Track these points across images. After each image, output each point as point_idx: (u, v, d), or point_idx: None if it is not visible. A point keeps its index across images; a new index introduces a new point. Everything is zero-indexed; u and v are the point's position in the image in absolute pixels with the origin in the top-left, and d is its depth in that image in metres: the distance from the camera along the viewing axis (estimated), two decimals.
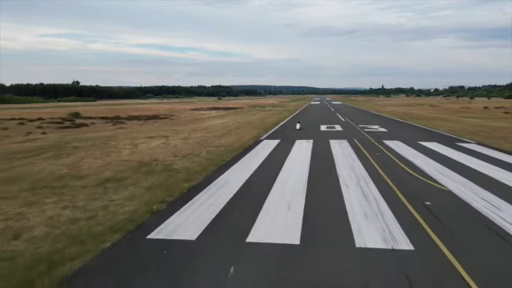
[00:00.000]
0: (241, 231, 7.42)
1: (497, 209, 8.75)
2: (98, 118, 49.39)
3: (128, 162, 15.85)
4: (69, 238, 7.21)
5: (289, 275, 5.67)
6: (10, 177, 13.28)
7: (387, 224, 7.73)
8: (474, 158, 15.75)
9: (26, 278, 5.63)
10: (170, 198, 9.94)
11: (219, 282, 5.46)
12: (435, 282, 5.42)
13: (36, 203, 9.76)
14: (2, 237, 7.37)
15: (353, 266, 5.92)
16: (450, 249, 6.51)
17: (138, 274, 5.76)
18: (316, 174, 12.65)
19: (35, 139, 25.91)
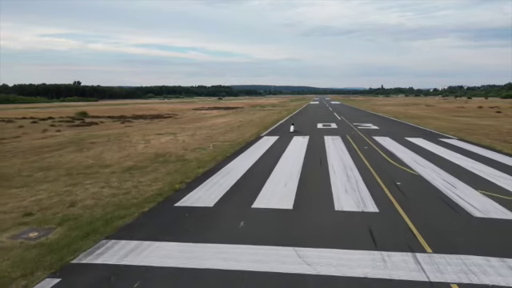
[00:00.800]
0: (247, 201, 9.54)
1: (452, 187, 10.87)
2: (105, 117, 51.45)
3: (144, 154, 17.94)
4: (114, 206, 9.31)
5: (284, 227, 7.78)
6: (45, 166, 15.39)
7: (362, 196, 9.85)
8: (450, 151, 17.84)
9: (91, 229, 7.71)
10: (188, 179, 12.04)
11: (233, 231, 7.56)
12: (388, 231, 7.51)
13: (78, 184, 11.86)
14: (61, 206, 9.47)
15: (330, 221, 8.02)
16: (406, 211, 8.62)
17: (171, 228, 7.84)
18: (309, 163, 14.76)
19: (53, 136, 28.01)
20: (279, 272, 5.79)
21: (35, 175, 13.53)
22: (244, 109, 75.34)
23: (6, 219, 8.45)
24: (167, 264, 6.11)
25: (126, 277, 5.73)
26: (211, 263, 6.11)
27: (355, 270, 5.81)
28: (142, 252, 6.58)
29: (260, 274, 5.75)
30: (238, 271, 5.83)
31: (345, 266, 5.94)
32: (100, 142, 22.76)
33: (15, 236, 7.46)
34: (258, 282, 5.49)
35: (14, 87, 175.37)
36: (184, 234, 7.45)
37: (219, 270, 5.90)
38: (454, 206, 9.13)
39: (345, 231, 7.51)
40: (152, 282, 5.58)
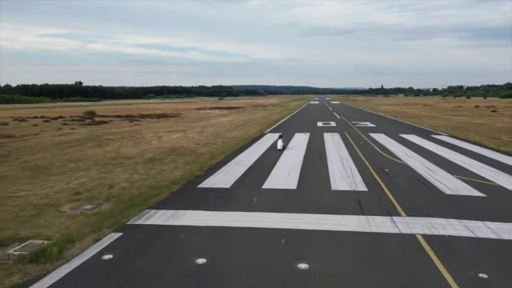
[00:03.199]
0: (258, 183, 11.36)
1: (433, 173, 12.68)
2: (113, 116, 53.22)
3: (160, 148, 19.75)
4: (147, 187, 11.11)
5: (289, 201, 9.58)
6: (73, 158, 17.19)
7: (354, 180, 11.67)
8: (439, 145, 19.64)
9: (133, 203, 9.50)
10: (204, 168, 13.85)
11: (249, 204, 9.35)
12: (373, 203, 9.31)
13: (109, 172, 13.67)
14: (102, 188, 11.27)
15: (328, 197, 9.83)
16: (390, 190, 10.44)
17: (198, 202, 9.64)
18: (309, 156, 16.55)
19: (69, 133, 29.82)
20: (286, 228, 7.59)
21: (68, 165, 15.34)
22: (246, 108, 77.10)
23: (60, 197, 10.26)
24: (201, 224, 7.92)
25: (171, 231, 7.54)
26: (234, 224, 7.91)
27: (346, 227, 7.62)
28: (179, 217, 8.39)
29: (271, 229, 7.55)
30: (255, 228, 7.64)
31: (337, 225, 7.75)
32: (115, 139, 24.57)
33: (74, 208, 9.27)
34: (270, 236, 7.29)
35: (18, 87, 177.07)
36: (209, 206, 9.25)
37: (241, 227, 7.71)
38: (430, 186, 10.94)
39: (339, 203, 9.31)
40: (192, 234, 7.38)
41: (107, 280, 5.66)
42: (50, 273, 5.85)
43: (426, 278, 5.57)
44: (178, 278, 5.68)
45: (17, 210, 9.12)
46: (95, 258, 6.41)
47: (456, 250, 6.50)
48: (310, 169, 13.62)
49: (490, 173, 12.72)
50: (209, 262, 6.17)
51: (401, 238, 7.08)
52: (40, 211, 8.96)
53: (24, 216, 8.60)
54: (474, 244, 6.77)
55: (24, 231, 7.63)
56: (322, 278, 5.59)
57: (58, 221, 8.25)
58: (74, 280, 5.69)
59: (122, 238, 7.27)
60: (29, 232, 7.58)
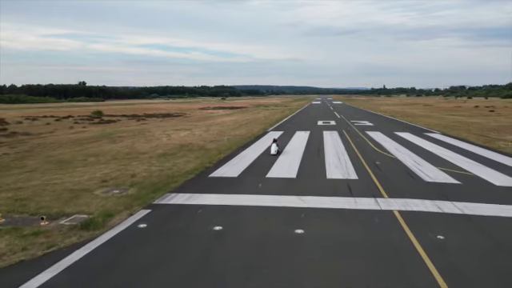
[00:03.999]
0: (262, 173, 12.89)
1: (418, 165, 14.18)
2: (119, 115, 54.88)
3: (170, 144, 21.30)
4: (164, 177, 12.65)
5: (289, 187, 11.10)
6: (92, 153, 18.77)
7: (347, 170, 13.18)
8: (429, 142, 21.11)
9: (155, 188, 11.04)
10: (213, 161, 15.39)
11: (255, 189, 10.87)
12: (362, 188, 10.81)
13: (127, 164, 15.22)
14: (125, 176, 12.82)
15: (323, 184, 11.35)
16: (378, 178, 11.94)
17: (210, 187, 11.16)
18: (309, 150, 18.07)
19: (82, 131, 31.45)
20: (287, 206, 9.11)
21: (89, 159, 16.90)
22: (248, 108, 78.57)
23: (90, 184, 11.81)
24: (215, 203, 9.46)
25: (191, 209, 9.08)
26: (243, 203, 9.44)
27: (336, 206, 9.14)
28: (196, 198, 9.93)
29: (274, 207, 9.07)
30: (261, 206, 9.17)
31: (329, 204, 9.27)
32: (127, 136, 26.15)
33: (105, 192, 10.82)
34: (273, 211, 8.80)
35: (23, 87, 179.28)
36: (221, 190, 10.78)
37: (249, 205, 9.24)
38: (413, 175, 12.45)
39: (332, 188, 10.83)
40: (208, 210, 8.91)
41: (146, 240, 7.21)
42: (98, 236, 7.39)
43: (395, 239, 7.08)
44: (201, 239, 7.22)
45: (56, 193, 10.67)
46: (132, 226, 7.95)
47: (424, 221, 8.01)
48: (309, 162, 15.13)
49: (470, 165, 14.20)
50: (224, 229, 7.70)
51: (381, 213, 8.60)
52: (77, 194, 10.51)
53: (64, 198, 10.16)
54: (440, 217, 8.28)
55: (68, 209, 9.18)
56: (313, 241, 7.10)
57: (94, 201, 9.81)
58: (119, 240, 7.24)
59: (150, 213, 8.82)
60: (72, 209, 9.14)
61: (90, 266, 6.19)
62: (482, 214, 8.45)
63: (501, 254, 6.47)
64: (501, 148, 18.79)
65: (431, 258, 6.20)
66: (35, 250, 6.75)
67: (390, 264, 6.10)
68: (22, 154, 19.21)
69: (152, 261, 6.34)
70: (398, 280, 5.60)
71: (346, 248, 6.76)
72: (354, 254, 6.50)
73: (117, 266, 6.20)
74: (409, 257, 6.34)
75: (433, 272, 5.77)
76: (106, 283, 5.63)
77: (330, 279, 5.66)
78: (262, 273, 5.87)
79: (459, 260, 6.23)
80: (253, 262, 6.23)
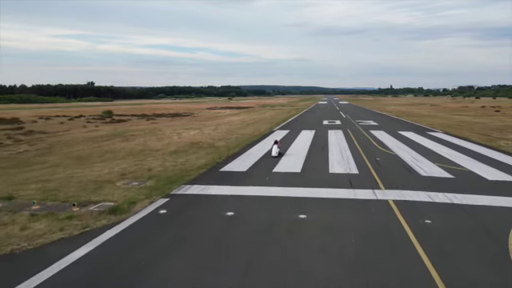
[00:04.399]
0: (269, 168, 13.81)
1: (417, 161, 14.98)
2: (129, 115, 56.19)
3: (181, 142, 22.31)
4: (178, 171, 13.63)
5: (294, 180, 12.00)
6: (107, 150, 19.84)
7: (349, 166, 14.04)
8: (430, 140, 21.83)
9: (171, 181, 12.01)
10: (223, 157, 16.34)
11: (262, 181, 11.79)
12: (361, 181, 11.67)
13: (143, 160, 16.23)
14: (142, 170, 13.82)
15: (325, 178, 12.23)
16: (377, 173, 12.79)
17: (222, 180, 12.10)
18: (313, 148, 18.95)
19: (95, 130, 32.66)
20: (291, 196, 10.02)
21: (105, 156, 17.97)
22: (255, 108, 79.48)
23: (111, 177, 12.83)
24: (226, 193, 10.40)
25: (205, 198, 10.03)
26: (252, 193, 10.37)
27: (336, 196, 10.02)
28: (209, 189, 10.89)
29: (280, 197, 9.98)
30: (268, 196, 10.08)
31: (330, 195, 10.16)
32: (139, 135, 27.25)
33: (125, 183, 11.83)
34: (279, 201, 9.71)
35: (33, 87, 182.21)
36: (231, 182, 11.72)
37: (257, 195, 10.16)
38: (411, 170, 13.28)
39: (334, 181, 11.71)
40: (220, 199, 9.86)
41: (167, 223, 8.17)
42: (125, 220, 8.37)
43: (389, 223, 7.95)
44: (215, 222, 8.16)
45: (81, 185, 11.70)
46: (154, 212, 8.93)
47: (415, 209, 8.86)
48: (313, 158, 16.01)
49: (466, 161, 14.97)
50: (235, 214, 8.63)
51: (377, 202, 9.46)
52: (100, 186, 11.53)
53: (90, 189, 11.18)
54: (430, 205, 9.13)
55: (94, 197, 10.19)
56: (314, 225, 8.00)
57: (117, 191, 10.81)
58: (143, 223, 8.21)
59: (169, 201, 9.79)
60: (98, 198, 10.15)
61: (121, 243, 7.17)
62: (469, 204, 9.28)
63: (479, 235, 7.31)
64: (501, 146, 19.46)
65: (417, 238, 7.07)
66: (71, 230, 7.75)
67: (380, 241, 6.99)
68: (42, 151, 20.36)
69: (173, 239, 7.30)
70: (385, 253, 6.48)
71: (342, 229, 7.65)
72: (349, 233, 7.39)
73: (143, 243, 7.16)
74: (398, 236, 7.22)
75: (416, 247, 6.65)
76: (135, 256, 6.59)
77: (326, 252, 6.56)
78: (268, 248, 6.79)
79: (441, 239, 7.08)
80: (261, 240, 7.16)
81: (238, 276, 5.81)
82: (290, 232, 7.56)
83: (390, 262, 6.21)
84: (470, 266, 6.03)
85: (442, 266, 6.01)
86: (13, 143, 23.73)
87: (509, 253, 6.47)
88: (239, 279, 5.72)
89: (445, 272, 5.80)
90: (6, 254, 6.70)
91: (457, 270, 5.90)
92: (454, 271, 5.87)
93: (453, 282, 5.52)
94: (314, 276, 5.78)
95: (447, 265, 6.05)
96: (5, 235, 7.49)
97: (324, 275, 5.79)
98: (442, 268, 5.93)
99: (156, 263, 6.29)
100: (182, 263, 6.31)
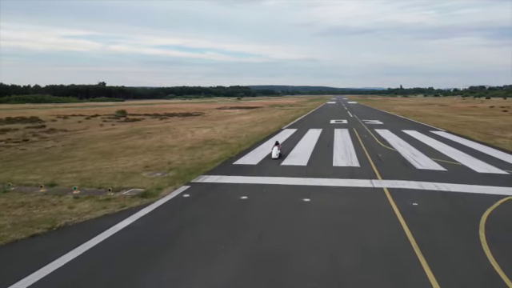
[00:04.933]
0: (278, 162, 15.17)
1: (415, 156, 16.18)
2: (142, 114, 58.02)
3: (195, 140, 23.79)
4: (195, 164, 15.06)
5: (301, 171, 13.33)
6: (128, 146, 21.40)
7: (351, 160, 15.33)
8: (432, 138, 22.93)
9: (190, 172, 13.44)
10: (235, 152, 17.75)
11: (272, 172, 13.15)
12: (362, 173, 12.94)
13: (161, 155, 17.72)
14: (162, 164, 15.29)
15: (331, 171, 13.54)
16: (377, 166, 14.06)
17: (235, 172, 13.49)
18: (319, 145, 20.24)
19: (112, 128, 34.37)
20: (298, 185, 11.36)
21: (127, 151, 19.51)
22: (264, 108, 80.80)
23: (136, 169, 14.32)
24: (240, 182, 11.79)
25: (221, 185, 11.44)
26: (263, 182, 11.74)
27: (337, 184, 11.33)
28: (225, 178, 12.30)
29: (288, 185, 11.33)
30: (277, 184, 11.45)
31: (332, 183, 11.47)
32: (155, 133, 28.83)
33: (149, 174, 13.30)
34: (287, 188, 11.06)
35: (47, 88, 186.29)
36: (244, 173, 13.11)
37: (268, 184, 11.53)
38: (408, 164, 14.51)
39: (336, 173, 13.01)
40: (235, 186, 11.26)
41: (191, 204, 9.59)
42: (155, 201, 9.82)
43: (381, 205, 9.25)
44: (232, 203, 9.57)
45: (111, 175, 13.21)
46: (178, 196, 10.36)
47: (405, 195, 10.14)
48: (319, 153, 17.33)
49: (461, 157, 16.11)
50: (248, 198, 10.02)
51: (372, 189, 10.76)
52: (128, 175, 13.02)
53: (119, 178, 12.68)
54: (419, 192, 10.39)
55: (125, 185, 11.67)
56: (317, 206, 9.33)
57: (144, 180, 12.28)
58: (171, 204, 9.65)
59: (190, 188, 11.22)
60: (129, 185, 11.62)
61: (155, 217, 8.61)
62: (453, 191, 10.51)
63: (456, 214, 8.56)
64: (497, 144, 20.48)
65: (403, 215, 8.38)
66: (112, 208, 9.22)
67: (372, 218, 8.30)
68: (68, 147, 22.03)
69: (197, 215, 8.72)
70: (374, 225, 7.78)
71: (340, 209, 8.99)
72: (346, 212, 8.72)
73: (172, 218, 8.59)
74: (386, 214, 8.53)
75: (401, 221, 7.96)
76: (170, 226, 8.02)
77: (325, 226, 7.89)
78: (277, 223, 8.15)
79: (423, 217, 8.37)
80: (270, 217, 8.52)
81: (252, 241, 7.19)
82: (296, 210, 8.92)
83: (376, 231, 7.53)
84: (442, 235, 7.33)
85: (419, 233, 7.32)
86: (39, 140, 25.50)
87: (479, 229, 7.72)
88: (254, 243, 7.10)
89: (420, 237, 7.13)
90: (62, 226, 8.18)
91: (429, 236, 7.23)
92: (427, 237, 7.18)
93: (424, 243, 6.84)
94: (313, 240, 7.12)
95: (423, 233, 7.36)
96: (56, 212, 8.99)
97: (322, 240, 7.14)
98: (418, 234, 7.25)
99: (187, 229, 7.75)
100: (207, 230, 7.73)
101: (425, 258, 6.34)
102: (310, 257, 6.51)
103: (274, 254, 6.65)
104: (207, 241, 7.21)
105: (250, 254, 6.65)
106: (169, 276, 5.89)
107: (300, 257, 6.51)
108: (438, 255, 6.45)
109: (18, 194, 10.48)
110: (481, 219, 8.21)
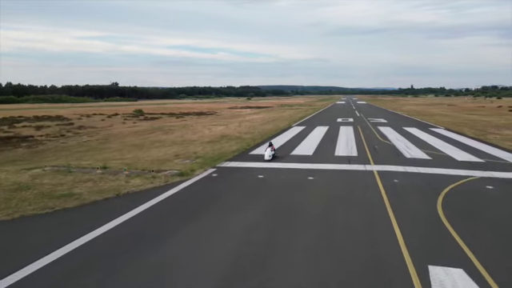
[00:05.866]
0: (288, 152, 17.73)
1: (408, 148, 18.55)
2: (158, 113, 61.07)
3: (213, 135, 26.44)
4: (217, 154, 17.68)
5: (307, 159, 15.84)
6: (154, 140, 24.15)
7: (351, 151, 17.80)
8: (428, 134, 25.16)
9: (214, 159, 16.04)
10: (250, 145, 20.33)
11: (282, 160, 15.68)
12: (358, 160, 15.39)
13: (186, 147, 20.39)
14: (189, 153, 17.94)
15: (330, 158, 16.02)
16: (372, 156, 16.50)
17: (251, 160, 16.04)
18: (325, 139, 22.70)
19: (134, 126, 37.30)
20: (304, 168, 13.88)
21: (155, 144, 22.24)
22: (273, 108, 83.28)
23: (168, 157, 17.00)
24: (256, 166, 14.36)
25: (242, 169, 14.03)
26: (276, 166, 14.28)
27: (337, 168, 13.81)
28: (243, 164, 14.89)
29: (296, 168, 13.85)
30: (287, 168, 13.98)
31: (334, 167, 13.96)
32: (175, 129, 31.60)
33: (180, 161, 15.95)
34: (295, 170, 13.58)
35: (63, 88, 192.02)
36: (259, 161, 15.66)
37: (280, 167, 14.07)
38: (399, 154, 16.90)
39: (337, 160, 15.47)
40: (253, 169, 13.83)
41: (219, 181, 12.20)
42: (191, 178, 12.44)
43: (369, 182, 11.71)
44: (251, 180, 12.15)
45: (149, 161, 15.90)
46: (208, 175, 12.98)
47: (390, 175, 12.58)
48: (324, 146, 19.80)
49: (448, 149, 18.40)
50: (264, 177, 12.58)
51: (364, 171, 13.22)
52: (163, 162, 15.70)
53: (156, 163, 15.35)
54: (402, 173, 12.83)
55: (163, 168, 14.33)
56: (319, 183, 11.83)
57: (177, 165, 14.93)
58: (203, 181, 12.27)
59: (217, 170, 13.84)
60: (166, 168, 14.27)
61: (193, 188, 11.24)
62: (430, 173, 12.91)
63: (425, 188, 10.98)
64: (487, 139, 22.62)
65: (384, 187, 10.86)
66: (158, 183, 11.87)
67: (361, 189, 10.79)
68: (101, 141, 24.91)
69: (226, 187, 11.31)
70: (361, 194, 10.25)
71: (337, 183, 11.50)
72: (342, 186, 11.23)
73: (207, 189, 11.18)
74: (372, 187, 10.99)
75: (381, 192, 10.43)
76: (204, 194, 10.62)
77: (323, 195, 10.40)
78: (286, 193, 10.69)
79: (399, 189, 10.81)
80: (282, 188, 11.06)
81: (268, 201, 9.76)
82: (301, 184, 11.46)
83: (362, 197, 10.03)
84: (409, 199, 9.81)
85: (393, 198, 9.81)
86: (74, 135, 28.50)
87: (439, 195, 10.12)
88: (269, 203, 9.66)
89: (393, 200, 9.64)
90: (124, 193, 10.84)
91: (400, 199, 9.74)
92: (397, 199, 9.67)
93: (394, 203, 9.34)
94: (313, 202, 9.65)
95: (395, 197, 9.86)
96: (117, 185, 11.67)
97: (319, 202, 9.65)
98: (392, 198, 9.73)
99: (219, 195, 10.37)
100: (235, 196, 10.34)
101: (393, 211, 8.81)
102: (310, 210, 9.04)
103: (284, 209, 9.20)
104: (235, 202, 9.81)
105: (268, 209, 9.21)
106: (210, 221, 8.47)
107: (303, 211, 9.05)
108: (402, 210, 8.91)
109: (80, 174, 13.22)
110: (443, 191, 10.62)
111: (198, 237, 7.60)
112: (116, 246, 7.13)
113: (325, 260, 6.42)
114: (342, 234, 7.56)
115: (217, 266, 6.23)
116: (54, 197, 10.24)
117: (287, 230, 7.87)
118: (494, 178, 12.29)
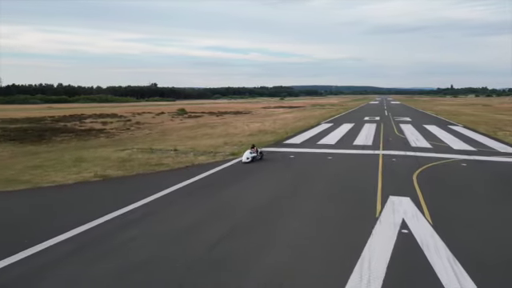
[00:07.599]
0: (315, 142, 21.87)
1: (417, 140, 22.08)
2: (199, 112, 66.71)
3: (251, 130, 30.97)
4: (257, 142, 22.06)
5: (330, 146, 19.92)
6: (203, 134, 29.06)
7: (367, 141, 21.67)
8: (443, 130, 28.25)
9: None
10: (283, 137, 24.63)
11: (311, 148, 19.84)
12: (371, 148, 19.24)
13: (230, 138, 25.00)
14: (233, 142, 22.52)
15: (349, 146, 19.99)
16: (384, 145, 20.29)
17: (285, 146, 20.31)
18: (348, 133, 26.57)
19: (182, 122, 42.67)
20: (326, 152, 18.00)
21: (205, 136, 27.09)
22: (306, 107, 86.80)
23: (219, 144, 21.66)
24: (289, 150, 18.66)
25: (277, 152, 18.38)
26: (304, 151, 18.49)
27: (352, 152, 17.82)
28: (279, 149, 19.23)
29: (320, 152, 18.00)
30: (314, 152, 18.16)
31: (349, 151, 17.97)
32: (218, 125, 36.50)
33: (229, 147, 20.54)
34: (319, 154, 17.71)
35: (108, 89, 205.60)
36: (291, 147, 19.92)
37: (307, 152, 18.28)
38: (407, 144, 20.56)
39: (354, 147, 19.42)
40: (285, 153, 18.13)
41: (260, 160, 16.63)
42: (236, 158, 16.93)
43: (373, 160, 15.65)
44: (284, 159, 16.48)
45: (205, 147, 20.60)
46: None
47: (391, 156, 16.43)
48: (346, 138, 23.72)
49: (452, 141, 21.73)
50: (294, 157, 16.86)
51: (373, 154, 17.13)
52: (216, 147, 20.35)
53: (211, 148, 20.01)
54: (402, 156, 16.62)
55: (217, 151, 18.95)
56: (336, 160, 15.92)
57: (228, 149, 19.50)
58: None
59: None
60: (220, 150, 18.89)
61: (240, 165, 15.70)
62: (423, 156, 16.59)
63: (413, 164, 14.75)
64: (496, 135, 25.44)
65: (383, 164, 14.79)
66: (218, 159, 16.46)
67: (365, 164, 14.79)
68: (160, 134, 30.17)
69: (267, 162, 15.67)
70: (366, 169, 14.23)
71: (348, 162, 15.54)
72: (351, 163, 15.27)
73: (253, 163, 15.60)
74: (374, 162, 14.95)
75: (380, 166, 14.40)
76: (251, 166, 15.03)
77: (338, 167, 14.50)
78: (310, 167, 14.88)
79: (394, 165, 14.68)
80: (306, 164, 15.26)
81: (296, 170, 14.04)
82: (321, 161, 15.64)
83: (366, 171, 14.04)
84: (397, 170, 13.72)
85: (385, 169, 13.75)
86: (136, 129, 34.11)
87: (418, 168, 13.92)
88: (297, 171, 13.93)
89: (385, 170, 13.57)
90: (196, 164, 15.49)
91: (390, 170, 13.69)
92: (388, 170, 13.60)
93: (385, 172, 13.31)
94: (329, 170, 13.80)
95: (387, 169, 13.80)
96: (190, 159, 16.36)
97: (334, 170, 13.78)
98: (384, 170, 13.67)
99: (262, 166, 14.77)
100: (273, 167, 14.72)
101: (382, 175, 12.81)
102: (326, 175, 13.24)
103: (308, 174, 13.45)
104: (274, 170, 14.18)
105: (296, 174, 13.50)
106: (256, 178, 12.87)
107: (321, 175, 13.26)
108: (388, 174, 12.90)
109: (160, 153, 18.13)
110: (425, 166, 14.41)
111: (250, 185, 12.04)
112: (198, 189, 11.70)
113: (332, 187, 10.66)
114: (345, 182, 11.74)
115: (263, 199, 10.61)
116: (151, 164, 15.12)
117: (307, 183, 12.13)
118: (472, 160, 15.82)
